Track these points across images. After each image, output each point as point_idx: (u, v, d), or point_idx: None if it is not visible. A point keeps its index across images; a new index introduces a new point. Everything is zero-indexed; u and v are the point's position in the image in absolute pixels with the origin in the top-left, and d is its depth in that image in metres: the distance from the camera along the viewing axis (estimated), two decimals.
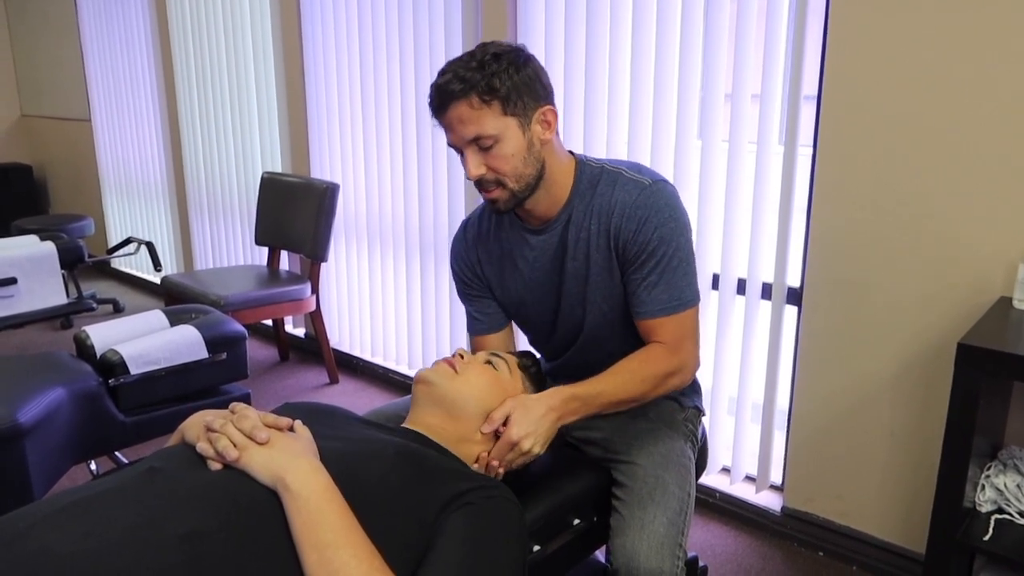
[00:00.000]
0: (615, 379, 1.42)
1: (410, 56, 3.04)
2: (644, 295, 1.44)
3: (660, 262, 1.42)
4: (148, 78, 4.54)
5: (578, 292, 1.51)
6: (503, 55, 1.36)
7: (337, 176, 3.50)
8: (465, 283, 1.66)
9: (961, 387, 1.55)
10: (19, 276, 2.94)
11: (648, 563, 1.34)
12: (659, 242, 1.41)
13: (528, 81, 1.37)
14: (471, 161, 1.38)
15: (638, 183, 1.44)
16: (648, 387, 1.44)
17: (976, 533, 1.65)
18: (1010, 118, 1.75)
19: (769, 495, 2.41)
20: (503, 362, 1.44)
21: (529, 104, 1.38)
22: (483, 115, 1.34)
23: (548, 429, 1.34)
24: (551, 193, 1.46)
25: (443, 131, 1.41)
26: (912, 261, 1.94)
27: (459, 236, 1.68)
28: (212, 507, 1.02)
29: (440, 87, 1.35)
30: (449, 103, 1.35)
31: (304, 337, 3.93)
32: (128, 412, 2.04)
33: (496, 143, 1.36)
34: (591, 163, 1.51)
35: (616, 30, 2.42)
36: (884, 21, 1.88)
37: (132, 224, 5.11)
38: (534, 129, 1.39)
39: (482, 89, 1.33)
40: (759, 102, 2.15)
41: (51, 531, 0.97)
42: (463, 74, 1.33)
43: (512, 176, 1.39)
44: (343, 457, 1.14)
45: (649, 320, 1.45)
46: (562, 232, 1.49)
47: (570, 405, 1.37)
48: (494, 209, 1.46)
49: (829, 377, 2.14)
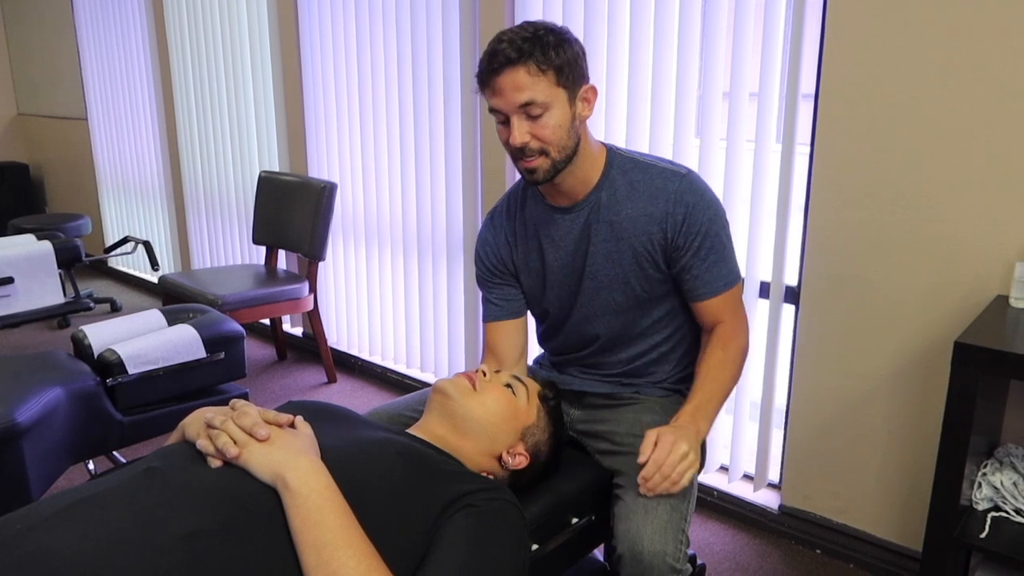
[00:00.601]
0: (713, 376, 1.51)
1: (407, 55, 3.04)
2: (708, 275, 1.52)
3: (715, 244, 1.51)
4: (145, 76, 4.53)
5: (602, 275, 1.55)
6: (555, 30, 1.41)
7: (335, 175, 3.50)
8: (489, 269, 1.69)
9: (958, 385, 1.55)
10: (16, 275, 2.93)
11: (652, 546, 1.35)
12: (710, 225, 1.50)
13: (577, 58, 1.42)
14: (517, 128, 1.41)
15: (676, 172, 1.52)
16: (738, 366, 1.55)
17: (973, 531, 1.66)
18: (1007, 117, 1.76)
19: (767, 493, 2.42)
20: (523, 388, 1.44)
21: (577, 79, 1.43)
22: (538, 82, 1.38)
23: (697, 435, 1.41)
24: (581, 171, 1.51)
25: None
26: (910, 260, 1.95)
27: (486, 223, 1.71)
28: (211, 507, 1.01)
29: (497, 52, 1.38)
30: (504, 68, 1.38)
31: (302, 336, 3.93)
32: (126, 412, 2.04)
33: (545, 111, 1.40)
34: (622, 152, 1.57)
35: (614, 29, 2.42)
36: (881, 20, 1.88)
37: (129, 223, 5.11)
38: (577, 105, 1.44)
39: (539, 58, 1.37)
40: (757, 101, 2.16)
41: (50, 533, 0.97)
42: (520, 43, 1.37)
43: (556, 146, 1.43)
44: (345, 456, 1.14)
45: (712, 298, 1.53)
46: (588, 214, 1.54)
47: (698, 419, 1.44)
48: (531, 179, 1.48)
49: (827, 375, 2.15)
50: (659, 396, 1.64)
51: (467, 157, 2.91)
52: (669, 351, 1.64)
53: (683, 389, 1.66)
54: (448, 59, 2.89)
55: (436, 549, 1.09)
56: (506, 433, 1.38)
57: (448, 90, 2.92)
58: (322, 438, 1.19)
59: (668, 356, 1.64)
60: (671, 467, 1.33)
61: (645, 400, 1.63)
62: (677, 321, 1.62)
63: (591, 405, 1.68)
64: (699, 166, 2.31)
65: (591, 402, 1.68)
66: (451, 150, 2.98)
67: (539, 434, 1.43)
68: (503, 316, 1.68)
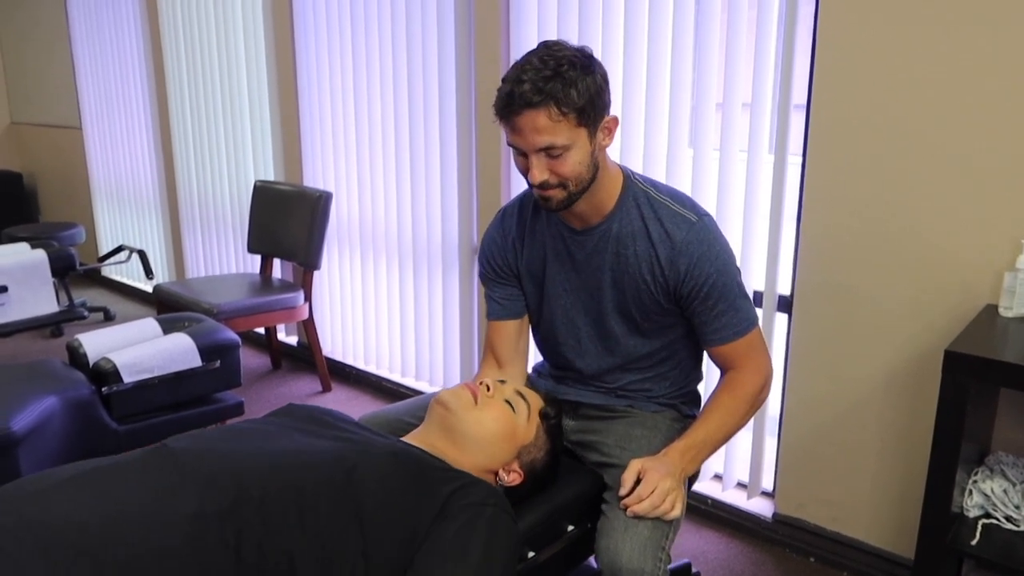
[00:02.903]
0: (714, 419, 1.52)
1: (403, 64, 3.05)
2: (716, 324, 1.51)
3: (724, 293, 1.49)
4: (139, 85, 4.53)
5: (610, 300, 1.55)
6: (578, 62, 1.36)
7: (330, 184, 3.51)
8: (494, 268, 1.68)
9: (948, 394, 1.56)
10: (10, 284, 2.93)
11: (630, 563, 1.36)
12: (717, 275, 1.48)
13: (599, 90, 1.39)
14: (536, 167, 1.39)
15: (686, 219, 1.49)
16: (743, 412, 1.54)
17: (964, 538, 1.67)
18: (997, 127, 1.78)
19: (760, 501, 2.43)
20: (524, 405, 1.45)
21: (600, 113, 1.40)
22: (558, 126, 1.35)
23: (681, 474, 1.44)
24: (597, 197, 1.49)
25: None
26: (900, 269, 1.97)
27: (497, 221, 1.70)
28: (218, 489, 1.04)
29: (518, 95, 1.34)
30: (524, 110, 1.34)
31: (297, 345, 3.92)
32: (121, 420, 2.05)
33: (565, 151, 1.37)
34: (638, 181, 1.55)
35: (608, 40, 2.44)
36: (872, 32, 1.91)
37: (123, 232, 5.10)
38: (598, 136, 1.42)
39: (561, 100, 1.33)
40: (749, 111, 2.18)
41: (59, 498, 1.00)
42: (540, 84, 1.32)
43: (574, 180, 1.41)
44: (343, 457, 1.16)
45: (723, 346, 1.52)
46: (598, 241, 1.53)
47: (686, 459, 1.46)
48: (545, 206, 1.47)
49: (819, 384, 2.16)
50: (652, 411, 1.65)
51: (462, 166, 2.93)
52: (667, 372, 1.65)
53: (678, 404, 1.68)
54: (443, 68, 2.91)
55: (428, 555, 1.11)
56: (503, 451, 1.40)
57: (443, 99, 2.94)
58: (319, 440, 1.21)
59: (666, 375, 1.65)
60: (653, 504, 1.37)
61: (637, 414, 1.64)
62: (677, 347, 1.62)
63: (585, 416, 1.69)
64: (692, 176, 2.33)
65: (586, 413, 1.69)
66: (446, 159, 2.99)
67: (536, 452, 1.45)
68: (505, 315, 1.69)
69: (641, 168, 2.43)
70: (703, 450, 1.50)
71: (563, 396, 1.69)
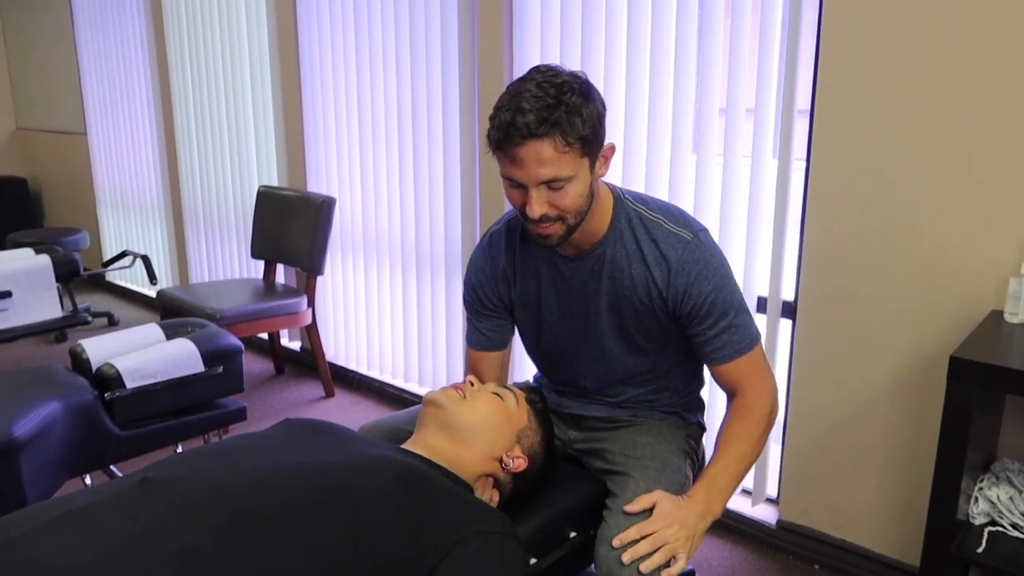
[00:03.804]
0: (730, 451, 1.46)
1: (406, 69, 3.06)
2: (717, 342, 1.46)
3: (725, 310, 1.45)
4: (144, 91, 4.55)
5: (608, 324, 1.52)
6: (579, 88, 1.29)
7: (333, 190, 3.51)
8: (481, 300, 1.63)
9: (954, 400, 1.56)
10: (14, 289, 2.93)
11: (629, 572, 1.35)
12: (716, 291, 1.44)
13: (599, 117, 1.33)
14: (536, 200, 1.31)
15: (681, 238, 1.44)
16: (757, 437, 1.49)
17: (970, 545, 1.66)
18: (1002, 132, 1.77)
19: (764, 508, 2.42)
20: (510, 394, 1.47)
21: (600, 141, 1.35)
22: (564, 158, 1.28)
23: (699, 531, 1.39)
24: (590, 224, 1.44)
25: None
26: (905, 275, 1.96)
27: (481, 253, 1.63)
28: (205, 521, 1.02)
29: (521, 125, 1.25)
30: (527, 140, 1.26)
31: (300, 351, 3.92)
32: (124, 426, 2.04)
33: (567, 183, 1.31)
34: (628, 201, 1.49)
35: (611, 45, 2.44)
36: (876, 37, 1.90)
37: (127, 237, 5.11)
38: (597, 165, 1.37)
39: (567, 130, 1.26)
40: (753, 116, 2.18)
41: (43, 541, 0.97)
42: (545, 113, 1.25)
43: (574, 213, 1.36)
44: (343, 474, 1.15)
45: (726, 364, 1.48)
46: (593, 265, 1.49)
47: (711, 495, 1.42)
48: (544, 244, 1.41)
49: (824, 390, 2.15)
50: (658, 419, 1.65)
51: (466, 172, 2.93)
52: (669, 383, 1.63)
53: (681, 411, 1.67)
54: (447, 74, 2.91)
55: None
56: (502, 435, 1.40)
57: (447, 105, 2.94)
58: (319, 453, 1.19)
59: (668, 387, 1.64)
60: (652, 544, 1.33)
61: (643, 422, 1.63)
62: (678, 359, 1.60)
63: (589, 428, 1.68)
64: (696, 181, 2.33)
65: (589, 424, 1.68)
66: (449, 164, 3.00)
67: (532, 435, 1.45)
68: (490, 347, 1.67)
69: (644, 174, 2.43)
70: (726, 480, 1.44)
71: (566, 410, 1.69)
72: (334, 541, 1.06)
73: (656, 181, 2.40)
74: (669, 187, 2.38)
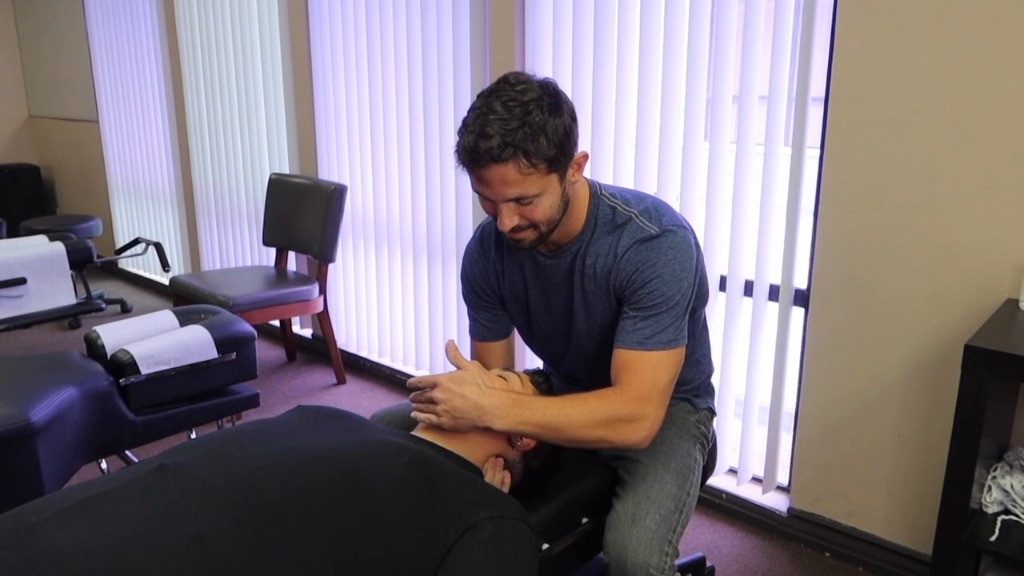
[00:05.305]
0: (565, 405, 1.36)
1: (418, 57, 3.05)
2: (629, 326, 1.41)
3: (658, 304, 1.39)
4: (156, 79, 4.56)
5: (583, 322, 1.53)
6: (544, 103, 1.28)
7: (345, 177, 3.51)
8: (476, 292, 1.65)
9: (968, 389, 1.55)
10: (29, 276, 2.95)
11: (636, 556, 1.36)
12: (658, 281, 1.39)
13: (567, 131, 1.31)
14: (506, 214, 1.34)
15: (647, 232, 1.42)
16: (595, 424, 1.35)
17: (983, 534, 1.66)
18: (1017, 120, 1.76)
19: (776, 496, 2.42)
20: (515, 376, 1.47)
21: (569, 154, 1.34)
22: (529, 178, 1.29)
23: (464, 405, 1.32)
24: (566, 225, 1.45)
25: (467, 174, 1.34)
26: (919, 263, 1.95)
27: (474, 245, 1.65)
28: (222, 507, 1.02)
29: (484, 151, 1.26)
30: (491, 163, 1.28)
31: (311, 338, 3.94)
32: (138, 412, 2.06)
33: (536, 198, 1.33)
34: (605, 198, 1.48)
35: (624, 33, 2.42)
36: (891, 23, 1.88)
37: (140, 225, 5.13)
38: (568, 174, 1.37)
39: (531, 152, 1.26)
40: (767, 104, 2.16)
41: (62, 528, 0.98)
42: (507, 137, 1.25)
43: (545, 222, 1.37)
44: (355, 460, 1.15)
45: (625, 351, 1.39)
46: (571, 262, 1.49)
47: (506, 410, 1.33)
48: (518, 247, 1.43)
49: (836, 378, 2.15)
50: None
51: None
52: None
53: (691, 397, 1.67)
54: (458, 61, 2.90)
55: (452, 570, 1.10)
56: None
57: (458, 92, 2.94)
58: (332, 439, 1.20)
59: None
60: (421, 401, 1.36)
61: None
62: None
63: None
64: (708, 169, 2.32)
65: None
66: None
67: None
68: (491, 337, 1.67)
69: (657, 162, 2.42)
70: (527, 419, 1.33)
71: None
72: (348, 526, 1.06)
73: (669, 169, 2.40)
74: (682, 175, 2.37)
